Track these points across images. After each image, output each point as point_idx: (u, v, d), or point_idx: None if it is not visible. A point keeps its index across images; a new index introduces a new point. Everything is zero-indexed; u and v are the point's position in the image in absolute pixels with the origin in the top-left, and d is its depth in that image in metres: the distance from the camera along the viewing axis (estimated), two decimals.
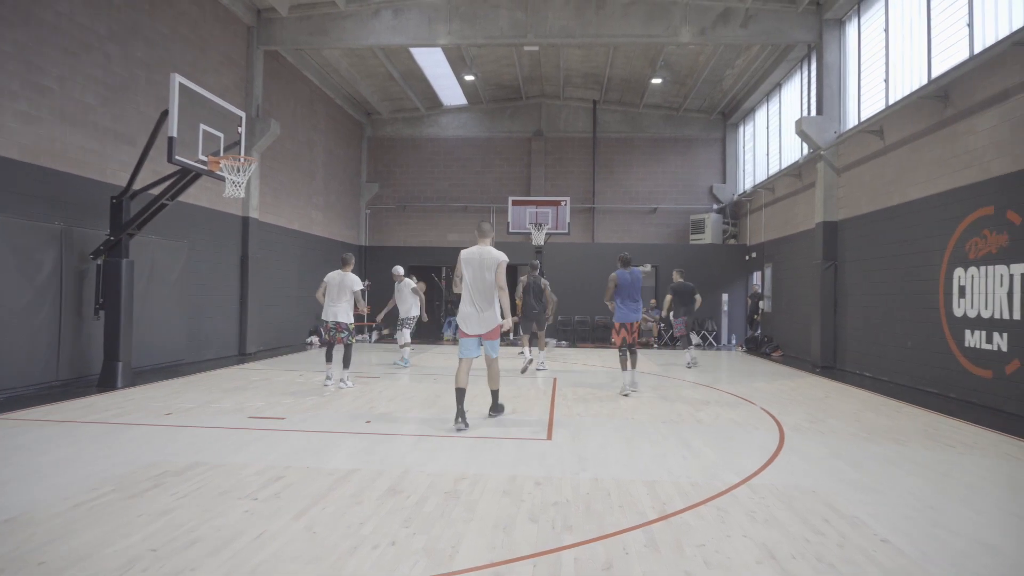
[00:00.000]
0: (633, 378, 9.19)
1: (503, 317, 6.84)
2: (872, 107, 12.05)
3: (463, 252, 6.90)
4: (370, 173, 21.63)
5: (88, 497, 4.23)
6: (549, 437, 6.35)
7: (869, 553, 3.55)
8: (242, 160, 9.50)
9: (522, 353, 11.49)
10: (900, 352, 10.62)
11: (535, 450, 5.80)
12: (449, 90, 19.88)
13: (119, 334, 8.99)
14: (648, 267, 19.27)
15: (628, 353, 9.01)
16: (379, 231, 21.57)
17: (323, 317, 9.18)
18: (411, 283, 11.94)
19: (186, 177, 9.13)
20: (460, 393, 6.68)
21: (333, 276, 9.12)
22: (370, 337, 19.01)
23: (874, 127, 11.41)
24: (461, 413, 6.59)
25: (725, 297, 19.20)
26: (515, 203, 18.08)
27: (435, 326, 20.75)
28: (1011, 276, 8.02)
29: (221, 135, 9.38)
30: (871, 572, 3.32)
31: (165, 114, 8.32)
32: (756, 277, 18.85)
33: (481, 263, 6.77)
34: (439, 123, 21.55)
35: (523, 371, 10.84)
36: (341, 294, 9.04)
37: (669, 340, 17.83)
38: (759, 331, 17.74)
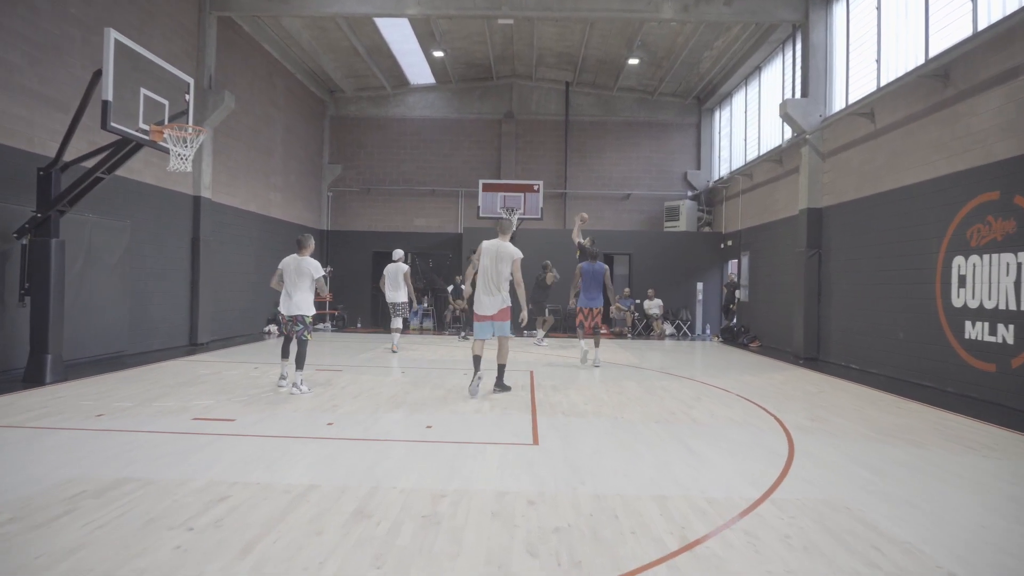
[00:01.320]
0: (596, 356, 10.71)
1: (522, 308, 8.02)
2: (861, 89, 11.57)
3: (484, 243, 7.76)
4: (333, 154, 20.60)
5: None
6: (536, 441, 5.66)
7: None
8: (190, 130, 8.57)
9: (539, 343, 13.99)
10: (890, 344, 10.19)
11: (523, 458, 5.11)
12: (417, 67, 18.96)
13: (48, 323, 8.01)
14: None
15: (582, 330, 10.72)
16: (342, 215, 20.58)
17: (279, 309, 7.96)
18: (405, 268, 12.60)
19: (125, 148, 8.17)
20: (477, 359, 7.67)
21: (288, 262, 7.96)
22: (331, 325, 18.12)
23: (864, 110, 10.93)
24: (477, 377, 7.61)
25: (700, 286, 18.75)
26: (486, 187, 17.29)
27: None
28: (1019, 264, 7.58)
29: (166, 102, 8.42)
30: None
31: (98, 75, 7.35)
32: (732, 266, 18.43)
33: (497, 255, 7.58)
34: (406, 103, 20.61)
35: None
36: (299, 282, 7.86)
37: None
38: (735, 321, 17.33)
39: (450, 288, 17.55)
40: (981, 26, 8.51)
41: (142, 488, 4.14)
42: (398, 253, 12.71)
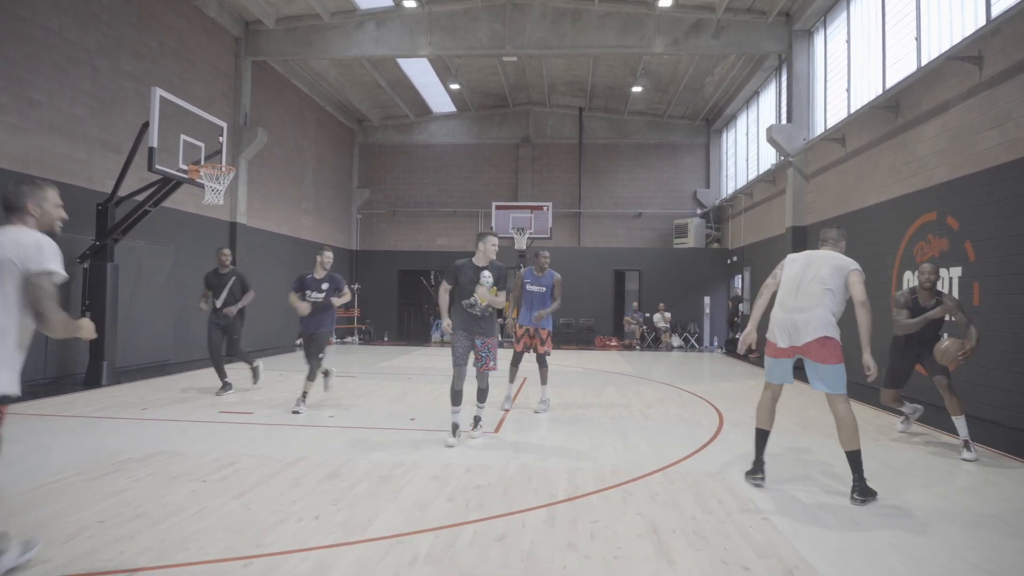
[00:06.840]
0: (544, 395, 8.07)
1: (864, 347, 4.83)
2: (836, 116, 12.44)
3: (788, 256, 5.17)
4: (361, 179, 22.11)
5: (52, 479, 4.66)
6: (496, 431, 6.76)
7: (745, 529, 3.95)
8: (223, 168, 9.95)
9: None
10: (857, 351, 10.96)
11: (479, 441, 6.21)
12: (438, 98, 20.34)
13: (104, 335, 9.43)
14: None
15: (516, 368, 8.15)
16: (370, 235, 22.03)
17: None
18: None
19: (168, 185, 9.59)
20: (760, 436, 4.97)
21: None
22: (359, 338, 19.39)
23: (836, 135, 11.80)
24: (759, 464, 4.88)
25: (707, 300, 19.58)
26: (499, 208, 18.53)
27: (424, 327, 21.21)
28: (950, 279, 8.40)
29: (202, 144, 9.83)
30: (740, 546, 3.70)
31: (146, 126, 8.77)
32: (738, 280, 19.24)
33: (809, 262, 4.89)
34: (428, 130, 22.02)
35: None
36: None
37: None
38: (738, 334, 18.12)
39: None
40: (924, 62, 9.38)
41: (172, 457, 5.37)
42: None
